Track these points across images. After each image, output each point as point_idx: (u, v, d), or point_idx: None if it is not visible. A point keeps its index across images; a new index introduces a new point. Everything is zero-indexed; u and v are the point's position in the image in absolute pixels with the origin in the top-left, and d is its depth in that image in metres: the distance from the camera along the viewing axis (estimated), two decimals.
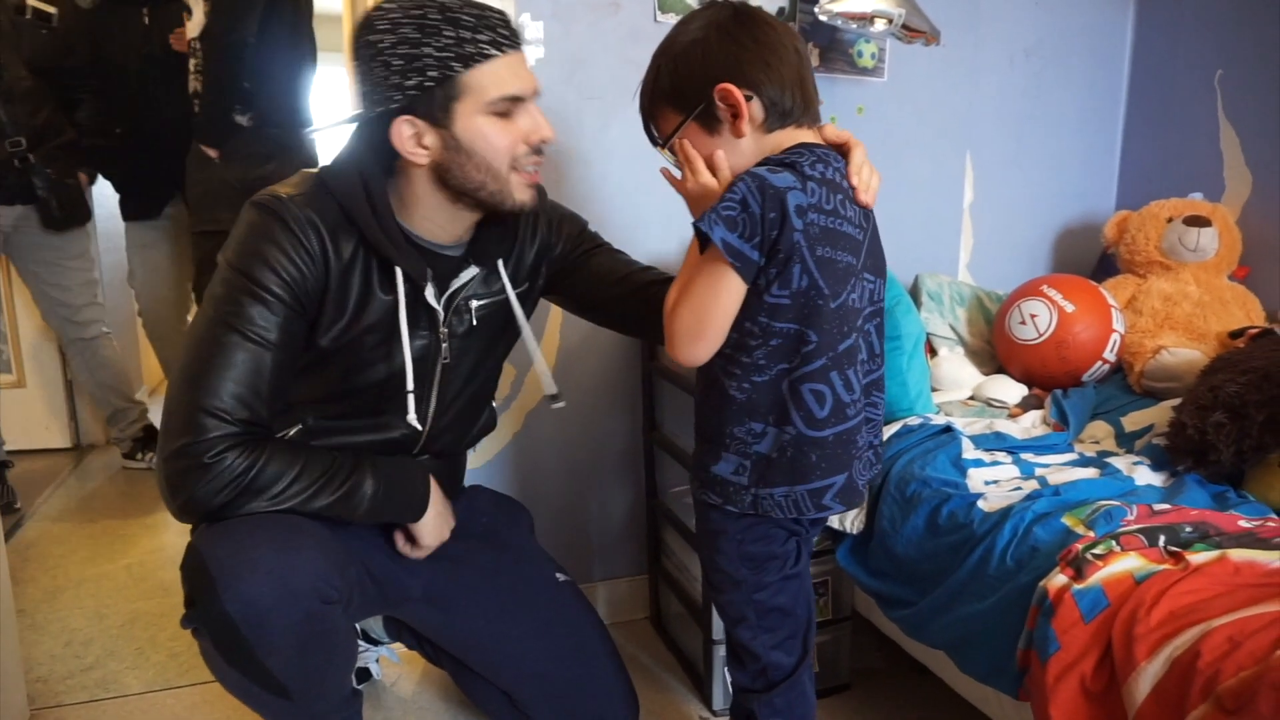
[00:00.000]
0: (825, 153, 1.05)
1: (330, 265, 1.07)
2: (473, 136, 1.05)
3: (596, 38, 1.78)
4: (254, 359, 1.03)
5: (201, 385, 1.02)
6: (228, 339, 1.03)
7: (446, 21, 1.00)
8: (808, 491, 1.07)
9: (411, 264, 1.11)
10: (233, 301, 1.04)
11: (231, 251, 1.07)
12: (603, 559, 2.00)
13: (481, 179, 1.08)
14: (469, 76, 1.02)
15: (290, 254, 1.05)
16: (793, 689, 1.20)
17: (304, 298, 1.07)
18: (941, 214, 2.16)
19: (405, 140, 1.04)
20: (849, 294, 1.05)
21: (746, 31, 1.04)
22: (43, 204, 2.55)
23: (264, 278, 1.04)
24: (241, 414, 1.03)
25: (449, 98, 1.03)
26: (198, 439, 1.00)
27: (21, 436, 3.09)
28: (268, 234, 1.05)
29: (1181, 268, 1.90)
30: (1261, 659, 0.91)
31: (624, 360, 1.91)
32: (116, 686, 1.72)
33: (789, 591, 1.19)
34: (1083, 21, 2.18)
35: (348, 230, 1.08)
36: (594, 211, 1.83)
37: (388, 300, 1.12)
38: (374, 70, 1.02)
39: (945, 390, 1.88)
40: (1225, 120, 2.02)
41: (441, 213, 1.12)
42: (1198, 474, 1.38)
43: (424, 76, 1.01)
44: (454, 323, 1.18)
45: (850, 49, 1.96)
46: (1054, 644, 1.07)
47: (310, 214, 1.06)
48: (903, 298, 1.73)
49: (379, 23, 1.01)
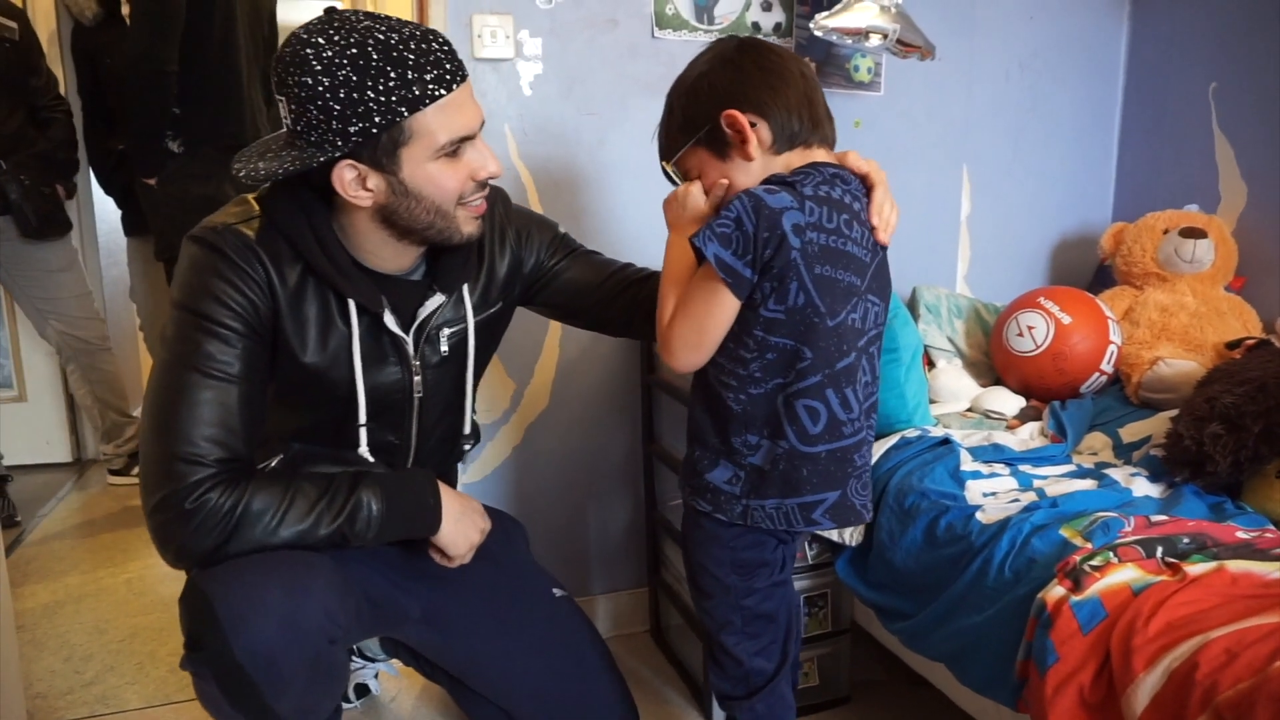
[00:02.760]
0: (836, 173, 1.07)
1: (277, 291, 1.04)
2: (420, 182, 1.01)
3: (594, 54, 1.79)
4: (219, 395, 1.00)
5: (171, 432, 0.99)
6: (188, 379, 1.00)
7: (389, 62, 0.93)
8: (798, 505, 1.09)
9: (363, 293, 1.07)
10: (187, 340, 1.01)
11: (177, 291, 1.04)
12: (602, 572, 2.00)
13: (429, 220, 1.05)
14: (416, 121, 0.97)
15: (236, 283, 1.01)
16: (773, 694, 1.21)
17: (258, 325, 1.04)
18: (939, 226, 2.17)
19: (347, 184, 1.00)
20: (849, 314, 1.06)
21: (750, 59, 1.08)
22: (18, 212, 2.54)
23: (214, 312, 1.01)
24: (216, 454, 1.00)
25: (395, 144, 0.98)
26: (176, 487, 0.97)
27: (22, 451, 3.09)
28: (210, 268, 1.02)
29: (1178, 279, 1.91)
30: (1259, 670, 0.91)
31: (623, 373, 1.92)
32: (116, 702, 1.72)
33: (776, 598, 1.20)
34: (1077, 34, 2.20)
35: (292, 259, 1.05)
36: (591, 226, 1.84)
37: (345, 331, 1.09)
38: (309, 113, 0.95)
39: (943, 402, 1.89)
40: (1220, 132, 2.03)
41: (387, 247, 1.09)
42: (1195, 485, 1.38)
43: (368, 122, 0.95)
44: (426, 353, 1.15)
45: (846, 64, 1.97)
46: (1052, 655, 1.07)
47: (249, 242, 1.03)
48: (900, 310, 1.74)
49: (313, 62, 0.93)
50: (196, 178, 2.41)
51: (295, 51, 0.94)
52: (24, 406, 3.11)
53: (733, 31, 1.87)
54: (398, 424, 1.17)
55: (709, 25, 1.85)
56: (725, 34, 1.86)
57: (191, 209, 2.40)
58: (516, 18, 1.73)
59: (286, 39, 0.97)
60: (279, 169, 0.98)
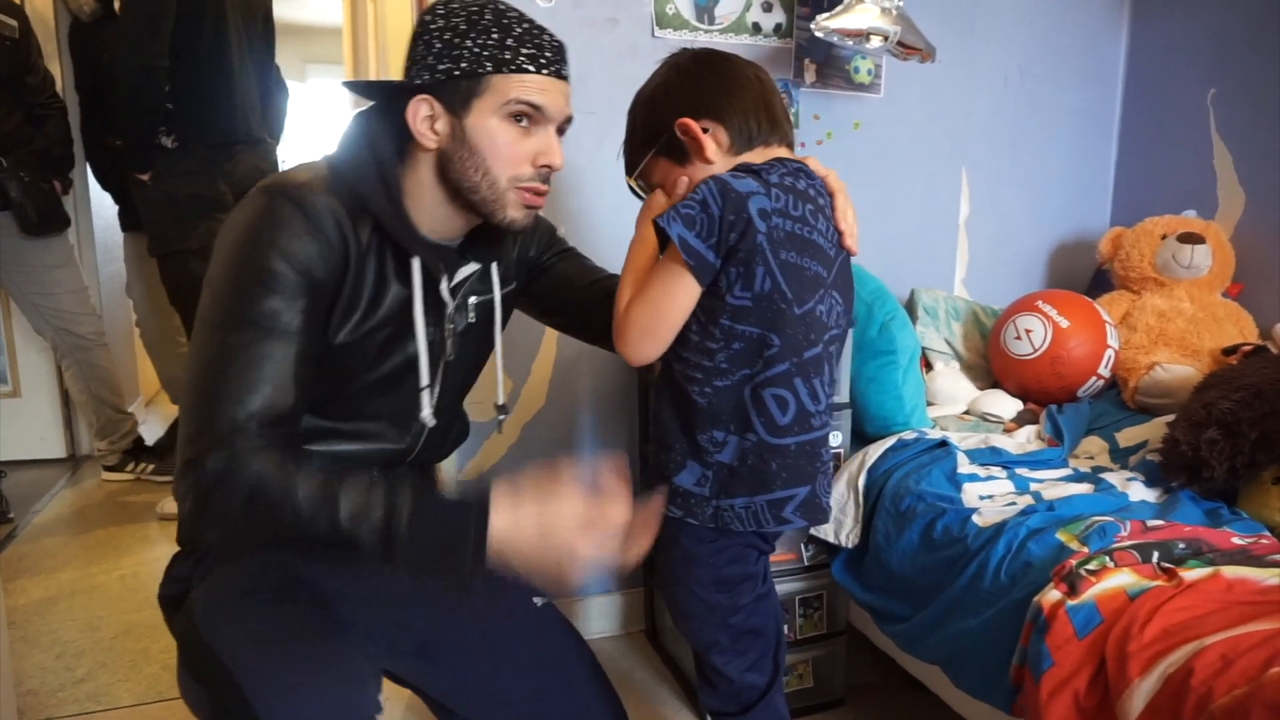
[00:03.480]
0: (800, 167, 1.08)
1: (350, 254, 1.01)
2: (480, 134, 1.01)
3: (594, 54, 1.79)
4: (280, 351, 0.95)
5: (222, 390, 0.92)
6: (246, 336, 0.93)
7: (496, 25, 0.99)
8: (767, 502, 1.08)
9: (429, 255, 1.06)
10: (245, 295, 0.95)
11: (236, 238, 0.97)
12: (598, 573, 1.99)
13: (477, 180, 1.03)
14: (497, 79, 1.00)
15: (307, 241, 0.96)
16: (767, 709, 1.20)
17: (321, 287, 0.99)
18: (937, 229, 2.17)
19: (419, 119, 1.01)
20: (816, 304, 1.07)
21: (706, 68, 1.11)
22: (18, 209, 2.54)
23: (278, 265, 0.95)
24: (269, 415, 0.93)
25: (471, 92, 1.00)
26: (219, 448, 0.90)
27: (16, 447, 3.08)
28: (281, 220, 0.97)
29: (1175, 284, 1.91)
30: (1254, 677, 0.91)
31: (619, 373, 1.92)
32: (108, 699, 1.71)
33: (761, 612, 1.19)
34: (1077, 40, 2.20)
35: (363, 218, 1.02)
36: (588, 226, 1.84)
37: (403, 292, 1.06)
38: (415, 47, 1.01)
39: (940, 405, 1.89)
40: (1218, 138, 2.04)
41: (440, 209, 1.07)
42: (1191, 490, 1.38)
43: (455, 65, 0.99)
44: (457, 318, 1.14)
45: (847, 65, 1.97)
46: (1048, 660, 1.07)
47: (329, 200, 0.99)
48: (898, 312, 1.74)
49: (440, 6, 1.01)
50: (189, 174, 2.40)
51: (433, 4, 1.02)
52: (19, 402, 3.10)
53: (732, 33, 1.87)
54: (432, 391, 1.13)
55: (709, 25, 1.85)
56: (725, 34, 1.87)
57: (183, 205, 2.40)
58: None
59: None
60: (370, 81, 1.06)
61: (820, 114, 1.97)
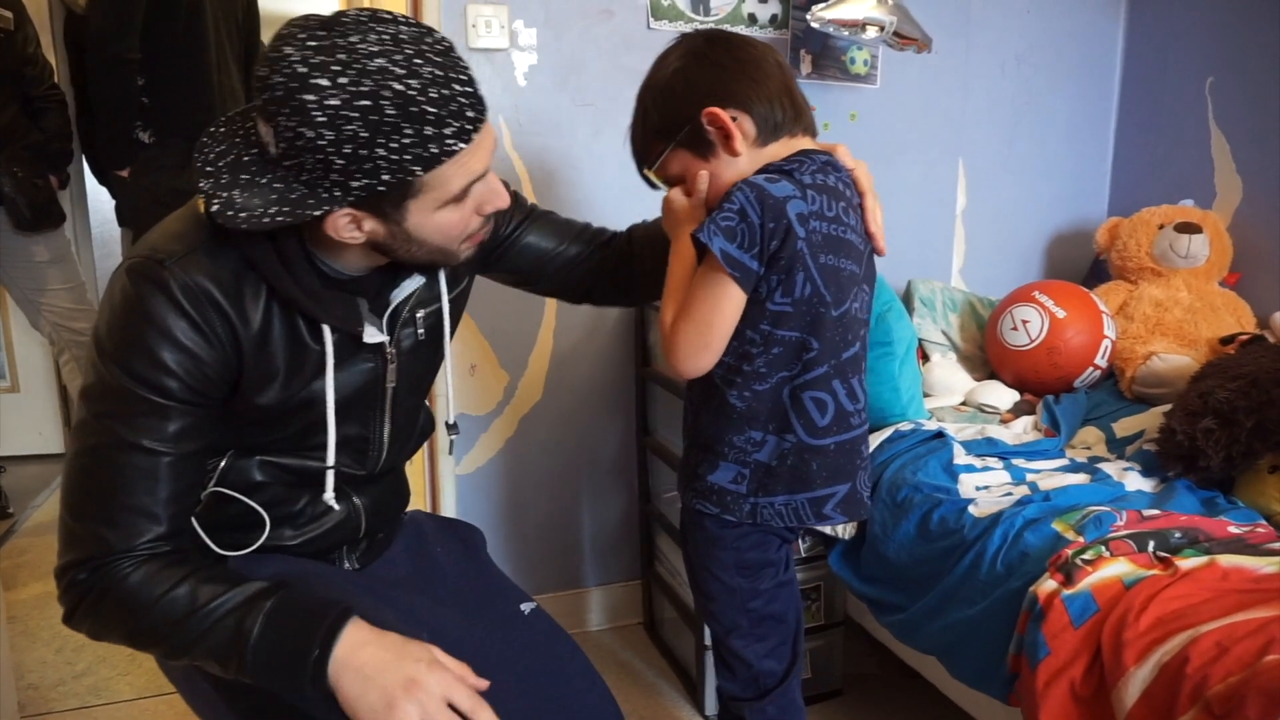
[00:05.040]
0: (827, 160, 1.05)
1: (241, 340, 0.89)
2: (425, 229, 0.90)
3: (589, 44, 1.78)
4: (154, 470, 0.87)
5: (94, 506, 0.87)
6: (118, 451, 0.86)
7: (405, 118, 0.80)
8: (808, 500, 1.07)
9: (337, 315, 0.94)
10: (118, 399, 0.86)
11: (107, 331, 0.87)
12: (596, 565, 2.00)
13: (424, 256, 0.93)
14: (429, 177, 0.85)
15: (182, 341, 0.85)
16: (784, 695, 1.20)
17: (207, 387, 0.89)
18: (934, 220, 2.17)
19: (341, 229, 0.87)
20: (851, 302, 1.05)
21: (725, 53, 1.04)
22: (11, 204, 2.53)
23: (150, 375, 0.85)
24: (142, 539, 0.87)
25: (403, 196, 0.86)
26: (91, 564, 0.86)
27: (15, 442, 3.08)
28: (150, 316, 0.85)
29: (1173, 274, 1.91)
30: (1249, 664, 0.91)
31: (616, 365, 1.92)
32: (108, 693, 1.72)
33: (782, 598, 1.19)
34: (1074, 28, 2.19)
35: (253, 284, 0.90)
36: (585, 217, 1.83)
37: (318, 350, 0.95)
38: (304, 160, 0.81)
39: (937, 396, 1.89)
40: (1216, 127, 2.03)
41: (367, 260, 0.97)
42: (1188, 480, 1.39)
43: (374, 180, 0.82)
44: (401, 337, 1.04)
45: (843, 56, 1.97)
46: (1044, 649, 1.07)
47: (202, 281, 0.86)
48: (895, 303, 1.74)
49: (314, 113, 0.78)
50: (167, 169, 2.37)
51: (291, 93, 0.78)
52: (17, 397, 3.10)
53: (728, 23, 1.86)
54: (367, 418, 1.06)
55: (704, 16, 1.84)
56: (720, 25, 1.86)
57: (163, 201, 2.37)
58: (511, 8, 1.72)
59: (276, 58, 0.79)
60: (264, 217, 0.83)
61: (816, 105, 1.96)
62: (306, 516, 1.03)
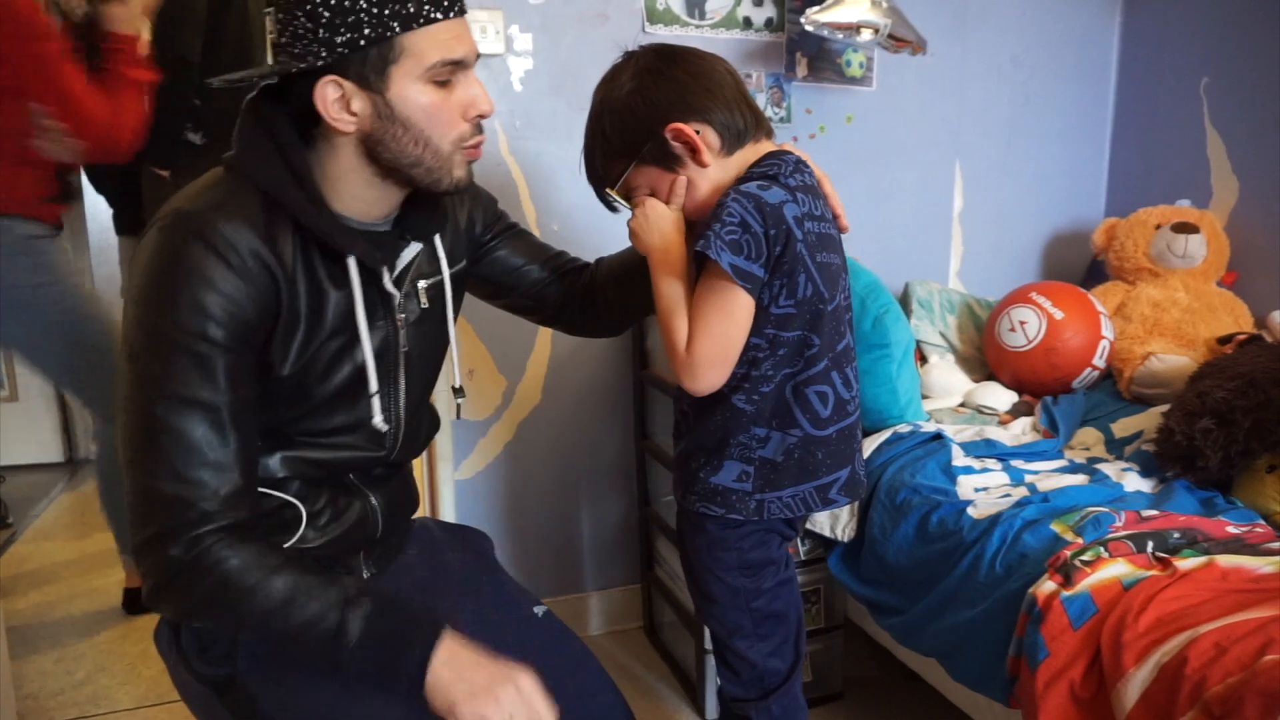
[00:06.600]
0: (797, 160, 1.07)
1: (277, 279, 0.91)
2: (409, 106, 0.92)
3: (585, 49, 1.79)
4: (215, 425, 0.87)
5: (167, 471, 0.86)
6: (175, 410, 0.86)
7: None
8: (815, 488, 1.09)
9: (363, 249, 0.96)
10: (166, 360, 0.86)
11: (144, 293, 0.88)
12: (596, 568, 2.00)
13: (418, 154, 0.95)
14: (407, 39, 0.89)
15: (221, 287, 0.87)
16: (787, 695, 1.20)
17: (252, 329, 0.90)
18: (931, 222, 2.17)
19: (330, 104, 0.90)
20: (840, 294, 1.08)
21: (678, 67, 1.05)
22: None
23: (195, 322, 0.86)
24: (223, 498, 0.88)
25: (384, 60, 0.89)
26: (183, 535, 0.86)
27: (15, 451, 3.08)
28: (191, 266, 0.87)
29: (1170, 274, 1.91)
30: (1248, 665, 0.91)
31: (615, 369, 1.92)
32: (107, 702, 1.71)
33: (784, 597, 1.19)
34: (1069, 30, 2.20)
35: (282, 225, 0.92)
36: (581, 223, 1.84)
37: (341, 295, 0.97)
38: (296, 20, 0.87)
39: (935, 397, 1.89)
40: (1211, 127, 2.03)
41: (370, 189, 0.98)
42: (1186, 480, 1.38)
43: (357, 33, 0.87)
44: (408, 307, 1.06)
45: (838, 58, 1.97)
46: (1043, 651, 1.07)
47: (237, 227, 0.89)
48: (892, 305, 1.73)
49: None
50: None
51: None
52: (16, 406, 3.10)
53: (723, 27, 1.86)
54: (390, 392, 1.07)
55: (700, 20, 1.85)
56: (717, 29, 1.86)
57: None
58: (507, 13, 1.73)
59: None
60: (255, 74, 0.90)
61: (812, 108, 1.97)
62: (328, 516, 1.04)
